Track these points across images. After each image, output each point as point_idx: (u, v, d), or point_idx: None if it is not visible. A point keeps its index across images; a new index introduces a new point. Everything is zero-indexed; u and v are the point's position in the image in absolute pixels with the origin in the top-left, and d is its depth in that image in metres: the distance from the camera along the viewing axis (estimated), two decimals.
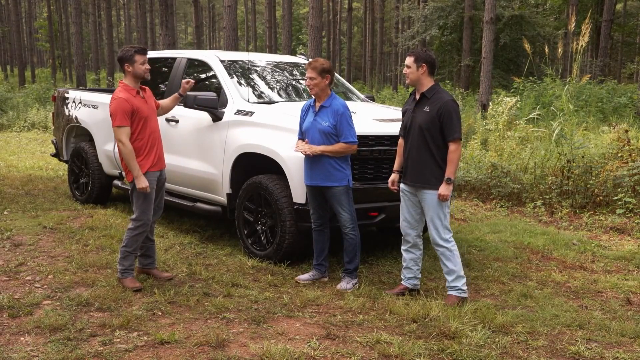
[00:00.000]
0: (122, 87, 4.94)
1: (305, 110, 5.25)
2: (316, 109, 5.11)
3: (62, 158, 8.81)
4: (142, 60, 4.95)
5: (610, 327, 4.37)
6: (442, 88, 4.89)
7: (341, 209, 5.09)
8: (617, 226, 7.36)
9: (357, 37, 53.93)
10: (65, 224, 7.06)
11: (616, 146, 8.71)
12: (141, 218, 4.98)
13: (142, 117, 4.91)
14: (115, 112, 4.80)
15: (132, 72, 4.94)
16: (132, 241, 5.01)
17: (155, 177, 5.04)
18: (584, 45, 9.67)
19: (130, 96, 4.88)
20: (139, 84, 5.04)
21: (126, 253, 5.03)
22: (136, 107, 4.87)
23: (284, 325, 4.28)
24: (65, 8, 45.77)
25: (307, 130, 5.14)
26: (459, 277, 4.77)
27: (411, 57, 4.82)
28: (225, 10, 16.38)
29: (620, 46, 38.76)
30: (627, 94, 16.60)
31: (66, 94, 8.59)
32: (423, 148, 4.73)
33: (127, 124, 4.83)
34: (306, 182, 5.20)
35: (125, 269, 5.04)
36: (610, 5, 24.71)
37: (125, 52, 4.95)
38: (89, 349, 3.81)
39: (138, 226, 4.99)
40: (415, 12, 27.72)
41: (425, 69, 4.77)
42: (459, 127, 4.66)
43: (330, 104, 5.07)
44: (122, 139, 4.82)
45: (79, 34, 25.78)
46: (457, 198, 9.09)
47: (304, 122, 5.19)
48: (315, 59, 5.13)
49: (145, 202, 4.97)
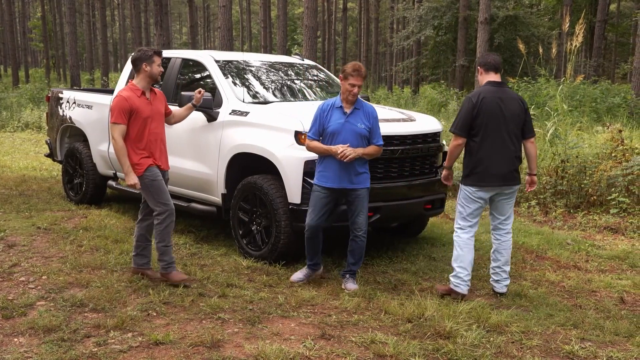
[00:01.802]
0: (128, 87, 5.01)
1: (326, 111, 5.03)
2: (347, 110, 5.02)
3: (56, 158, 8.78)
4: (159, 61, 5.04)
5: (604, 326, 4.39)
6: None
7: (362, 211, 5.07)
8: (611, 226, 7.39)
9: (352, 37, 53.94)
10: (59, 224, 7.04)
11: (610, 146, 8.75)
12: (163, 210, 5.02)
13: (142, 118, 4.92)
14: (114, 109, 4.89)
15: (148, 73, 4.98)
16: (165, 234, 5.06)
17: (158, 171, 5.04)
18: (577, 46, 9.71)
19: (132, 95, 4.92)
20: (150, 85, 5.07)
21: (163, 248, 5.08)
22: (135, 107, 4.89)
23: (279, 326, 4.28)
24: (59, 8, 45.59)
25: (336, 132, 4.97)
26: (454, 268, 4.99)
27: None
28: (220, 10, 16.37)
29: (614, 46, 38.87)
30: (621, 94, 16.65)
31: (60, 94, 8.56)
32: None
33: (122, 122, 4.85)
34: (332, 185, 4.99)
35: (168, 264, 5.09)
36: (604, 5, 24.80)
37: (144, 53, 5.00)
38: (83, 350, 3.80)
39: (164, 218, 5.04)
40: (410, 12, 27.78)
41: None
42: (456, 121, 4.96)
43: (362, 106, 5.05)
44: (115, 135, 4.88)
45: (73, 34, 25.68)
46: (453, 198, 9.10)
47: (331, 124, 4.99)
48: (360, 66, 4.99)
49: (157, 194, 5.00)
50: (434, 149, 6.07)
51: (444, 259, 6.07)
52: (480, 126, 4.86)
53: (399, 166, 5.76)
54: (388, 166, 5.67)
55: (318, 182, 5.05)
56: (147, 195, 5.03)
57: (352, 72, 4.94)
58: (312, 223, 5.07)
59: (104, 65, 31.16)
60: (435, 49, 26.41)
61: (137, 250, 5.23)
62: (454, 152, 5.03)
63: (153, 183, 4.98)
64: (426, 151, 5.95)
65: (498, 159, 4.87)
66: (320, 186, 5.04)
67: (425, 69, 28.89)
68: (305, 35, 15.38)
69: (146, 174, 4.95)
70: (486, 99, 4.85)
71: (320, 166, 5.05)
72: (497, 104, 4.85)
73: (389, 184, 5.68)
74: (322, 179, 5.03)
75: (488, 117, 4.83)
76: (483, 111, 4.83)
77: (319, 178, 5.05)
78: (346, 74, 4.96)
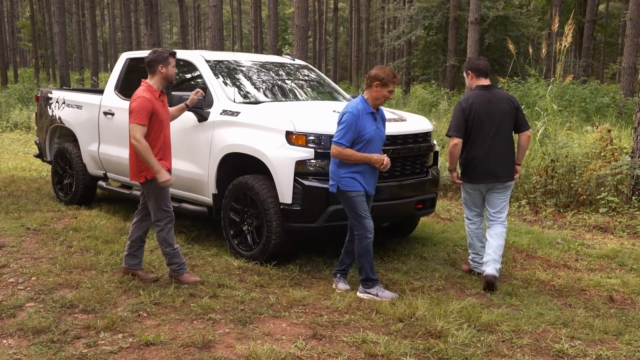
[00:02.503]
0: (146, 87, 4.95)
1: (360, 118, 4.83)
2: (376, 117, 4.97)
3: (46, 159, 8.72)
4: (174, 63, 5.02)
5: (594, 324, 4.42)
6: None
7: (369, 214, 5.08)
8: (600, 225, 7.44)
9: (343, 37, 53.97)
10: (48, 225, 6.99)
11: (599, 146, 8.81)
12: (163, 216, 5.03)
13: (160, 120, 4.92)
14: (137, 110, 4.81)
15: (164, 74, 4.97)
16: (169, 238, 5.08)
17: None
18: (567, 46, 9.74)
19: (153, 97, 4.90)
20: (162, 87, 5.06)
21: (172, 252, 5.09)
22: (156, 109, 4.89)
23: (271, 326, 4.27)
24: (48, 7, 45.30)
25: (372, 139, 4.87)
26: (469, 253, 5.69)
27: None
28: (211, 10, 16.33)
29: (603, 47, 39.15)
30: (610, 94, 16.78)
31: (49, 94, 8.51)
32: None
33: (145, 123, 4.82)
34: (369, 190, 4.99)
35: (179, 265, 5.11)
36: (593, 6, 24.98)
37: (159, 54, 4.97)
38: (73, 351, 3.78)
39: (166, 224, 5.05)
40: (400, 12, 27.82)
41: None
42: (450, 126, 5.36)
43: (380, 112, 5.07)
44: (136, 136, 4.79)
45: (62, 34, 25.54)
46: (443, 198, 9.13)
47: (367, 131, 4.85)
48: (395, 73, 4.94)
49: (160, 199, 5.00)
50: (425, 149, 6.08)
51: (435, 258, 6.09)
52: (471, 128, 5.26)
53: (390, 166, 5.75)
54: None
55: (357, 188, 4.90)
56: (152, 198, 5.02)
57: (392, 78, 4.84)
58: (372, 226, 4.95)
59: (94, 65, 31.01)
60: (426, 49, 26.48)
61: (130, 251, 5.21)
62: (452, 153, 5.36)
63: (159, 188, 4.98)
64: (417, 151, 5.96)
65: (489, 158, 5.27)
66: (360, 192, 4.91)
67: (416, 69, 28.96)
68: (296, 35, 15.38)
69: (152, 179, 4.94)
70: (475, 102, 5.25)
71: (349, 172, 4.90)
72: (485, 107, 5.25)
73: (380, 184, 5.68)
74: (357, 183, 4.91)
75: (477, 119, 5.24)
76: (472, 114, 5.23)
77: (356, 184, 4.90)
78: (385, 81, 4.82)
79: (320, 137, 5.40)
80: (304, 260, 5.83)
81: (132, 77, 7.54)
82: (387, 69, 4.91)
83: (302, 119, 5.59)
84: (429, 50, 26.33)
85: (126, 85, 7.49)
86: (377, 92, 4.86)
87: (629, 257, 6.20)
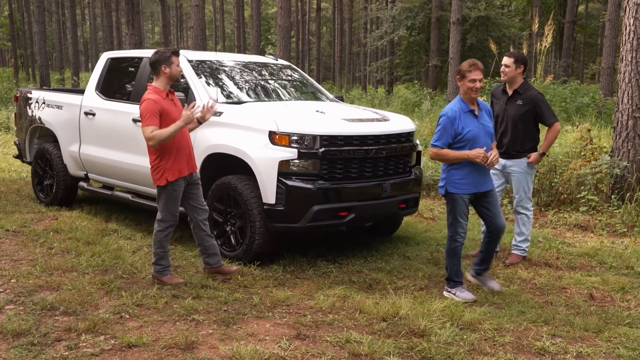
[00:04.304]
0: (152, 89, 4.95)
1: (456, 119, 4.84)
2: (477, 113, 4.95)
3: (25, 159, 8.62)
4: (178, 62, 5.00)
5: (574, 322, 4.47)
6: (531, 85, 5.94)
7: (500, 212, 5.09)
8: (581, 223, 7.53)
9: (326, 37, 54.00)
10: (28, 226, 6.91)
11: (579, 145, 8.90)
12: (167, 219, 5.04)
13: (171, 119, 4.90)
14: (145, 113, 4.82)
15: (168, 74, 4.95)
16: (164, 241, 5.09)
17: (183, 183, 5.05)
18: (547, 46, 9.87)
19: (159, 98, 4.90)
20: (169, 86, 5.04)
21: (162, 253, 5.09)
22: (165, 109, 4.88)
23: (254, 326, 4.26)
24: (27, 6, 44.68)
25: (476, 136, 4.86)
26: (526, 239, 6.01)
27: (511, 57, 5.87)
28: (193, 10, 16.24)
29: (583, 47, 39.64)
30: (590, 93, 16.97)
31: (29, 94, 8.40)
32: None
33: (155, 123, 4.80)
34: (477, 190, 4.93)
35: (164, 267, 5.11)
36: (573, 7, 25.27)
37: (161, 55, 4.95)
38: (54, 354, 3.74)
39: (167, 227, 5.06)
40: (383, 12, 27.91)
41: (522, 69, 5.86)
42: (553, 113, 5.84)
43: (480, 103, 5.04)
44: (148, 134, 4.80)
45: (42, 33, 25.23)
46: (426, 197, 9.18)
47: (470, 128, 4.85)
48: (474, 60, 4.95)
49: (170, 203, 5.01)
50: (408, 149, 6.11)
51: (418, 257, 6.12)
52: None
53: (373, 166, 5.78)
54: (362, 166, 5.68)
55: (461, 190, 4.88)
56: (163, 200, 5.03)
57: (468, 67, 4.86)
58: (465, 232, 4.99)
59: (75, 65, 30.69)
60: (409, 49, 26.59)
61: (208, 252, 5.25)
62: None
63: (173, 193, 5.00)
64: (400, 151, 5.98)
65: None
66: (465, 194, 4.89)
67: (398, 69, 29.07)
68: (279, 35, 15.36)
69: (170, 184, 4.95)
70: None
71: (458, 173, 4.87)
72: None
73: (363, 184, 5.70)
74: (464, 186, 4.88)
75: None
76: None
77: (461, 186, 4.88)
78: (463, 72, 4.87)
79: (303, 137, 5.40)
80: (288, 260, 5.82)
81: (113, 77, 7.49)
82: (466, 61, 4.98)
83: (286, 119, 5.59)
84: (412, 50, 26.44)
85: (107, 85, 7.43)
86: (462, 85, 4.93)
87: (609, 255, 6.28)
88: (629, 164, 7.67)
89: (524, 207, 6.00)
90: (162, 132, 4.79)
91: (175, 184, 4.98)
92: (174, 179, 4.94)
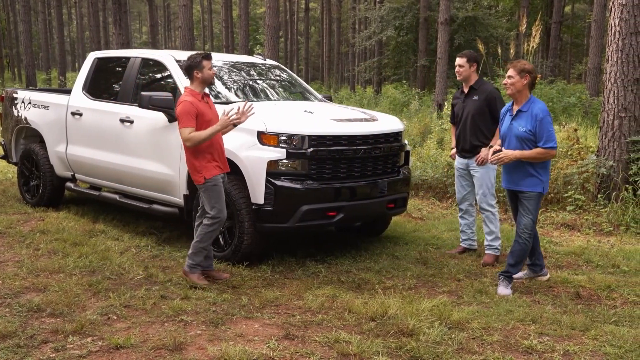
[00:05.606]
0: (189, 92, 5.05)
1: (504, 114, 5.19)
2: (513, 112, 5.03)
3: (11, 160, 8.54)
4: (209, 65, 5.08)
5: (561, 320, 4.50)
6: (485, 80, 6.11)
7: (525, 213, 5.05)
8: (568, 222, 7.58)
9: (315, 37, 54.01)
10: (14, 227, 6.85)
11: (566, 145, 8.96)
12: (218, 215, 5.06)
13: (206, 121, 4.97)
14: (181, 115, 4.90)
15: (201, 78, 5.04)
16: (207, 237, 5.10)
17: (221, 179, 5.10)
18: (534, 46, 9.92)
19: (195, 100, 4.98)
20: (204, 89, 5.14)
21: (199, 248, 5.11)
22: (200, 111, 4.96)
23: (243, 327, 4.25)
24: (13, 5, 44.32)
25: (505, 136, 5.10)
26: (497, 237, 6.02)
27: (463, 57, 5.97)
28: (181, 10, 16.18)
29: (569, 47, 39.94)
30: (576, 94, 17.10)
31: (15, 94, 8.33)
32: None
33: (192, 124, 4.89)
34: (503, 186, 5.23)
35: (196, 264, 5.12)
36: (559, 7, 25.45)
37: (192, 60, 5.04)
38: (41, 356, 3.71)
39: (214, 223, 5.07)
40: (371, 12, 27.95)
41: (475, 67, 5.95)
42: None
43: (529, 108, 4.98)
44: (186, 136, 4.89)
45: (28, 32, 25.04)
46: (414, 197, 9.20)
47: (502, 128, 5.16)
48: (517, 60, 5.03)
49: (218, 199, 5.05)
50: (396, 149, 6.13)
51: (407, 257, 6.13)
52: None
53: (362, 166, 5.79)
54: (351, 166, 5.69)
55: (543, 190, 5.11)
56: (206, 197, 5.06)
57: (509, 65, 4.99)
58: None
59: (61, 65, 30.48)
60: (397, 49, 26.64)
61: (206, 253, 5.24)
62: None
63: (214, 188, 5.03)
64: (388, 150, 6.00)
65: None
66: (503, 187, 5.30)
67: (387, 69, 29.13)
68: (267, 35, 15.33)
69: (208, 180, 5.00)
70: None
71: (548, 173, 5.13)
72: None
73: (352, 184, 5.71)
74: (502, 180, 5.24)
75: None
76: None
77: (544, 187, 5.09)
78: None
79: (292, 137, 5.39)
80: (277, 260, 5.81)
81: (100, 76, 7.44)
82: (517, 59, 5.22)
83: (274, 119, 5.58)
84: (400, 50, 26.50)
85: (94, 85, 7.38)
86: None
87: (595, 254, 6.33)
88: (615, 164, 7.74)
89: (488, 203, 6.04)
90: (200, 135, 4.88)
91: (214, 180, 5.03)
92: (210, 176, 5.01)
